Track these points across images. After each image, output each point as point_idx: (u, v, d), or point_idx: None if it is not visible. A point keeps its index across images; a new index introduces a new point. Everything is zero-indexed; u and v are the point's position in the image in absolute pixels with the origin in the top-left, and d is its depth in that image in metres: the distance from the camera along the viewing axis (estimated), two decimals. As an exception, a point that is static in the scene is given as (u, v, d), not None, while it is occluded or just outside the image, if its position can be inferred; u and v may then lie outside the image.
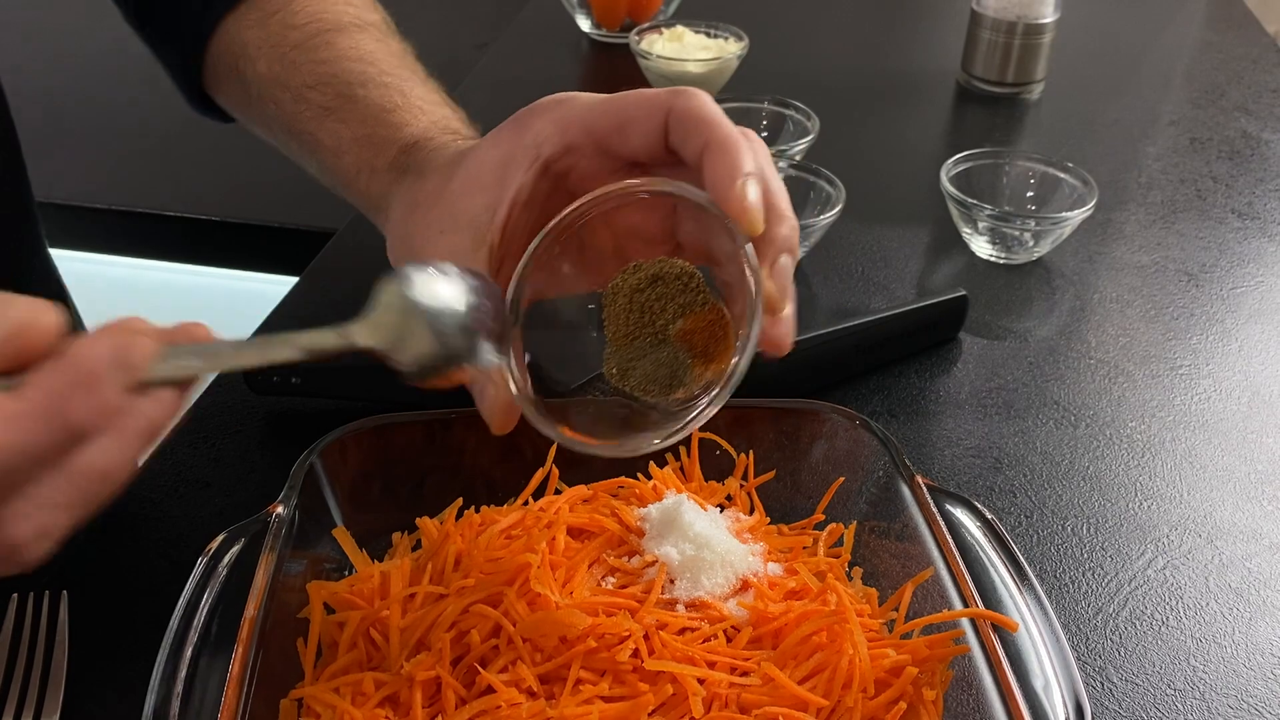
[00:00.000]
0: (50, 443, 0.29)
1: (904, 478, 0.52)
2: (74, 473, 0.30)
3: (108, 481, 0.31)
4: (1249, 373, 0.74)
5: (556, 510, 0.52)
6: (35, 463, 0.29)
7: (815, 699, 0.43)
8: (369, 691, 0.43)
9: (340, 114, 0.59)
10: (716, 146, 0.42)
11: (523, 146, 0.46)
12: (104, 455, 0.30)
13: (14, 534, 0.29)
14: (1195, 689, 0.53)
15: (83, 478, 0.30)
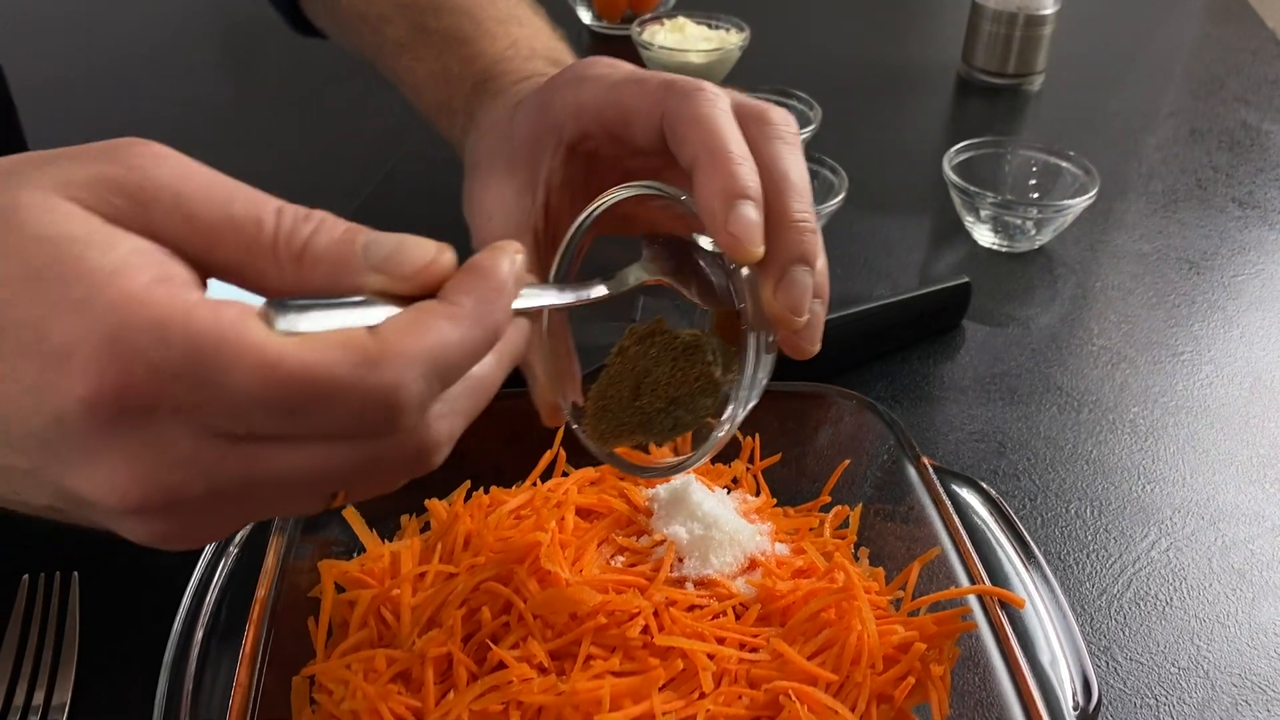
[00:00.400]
0: (480, 343, 0.30)
1: (909, 458, 0.53)
2: (472, 381, 0.31)
3: (487, 396, 0.33)
4: (1251, 359, 0.74)
5: (565, 491, 0.52)
6: (468, 360, 0.30)
7: (824, 674, 0.43)
8: (381, 668, 0.43)
9: (414, 50, 0.57)
10: (704, 163, 0.39)
11: (546, 129, 0.45)
12: (489, 370, 0.32)
13: (436, 433, 0.30)
14: (1199, 668, 0.53)
15: (478, 388, 0.32)
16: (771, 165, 0.40)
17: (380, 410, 0.28)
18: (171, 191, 0.28)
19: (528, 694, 0.41)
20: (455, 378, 0.30)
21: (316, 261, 0.29)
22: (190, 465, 0.27)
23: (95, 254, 0.26)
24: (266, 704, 0.43)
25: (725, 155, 0.39)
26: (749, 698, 0.42)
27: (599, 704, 0.41)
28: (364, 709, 0.41)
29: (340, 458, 0.28)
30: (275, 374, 0.26)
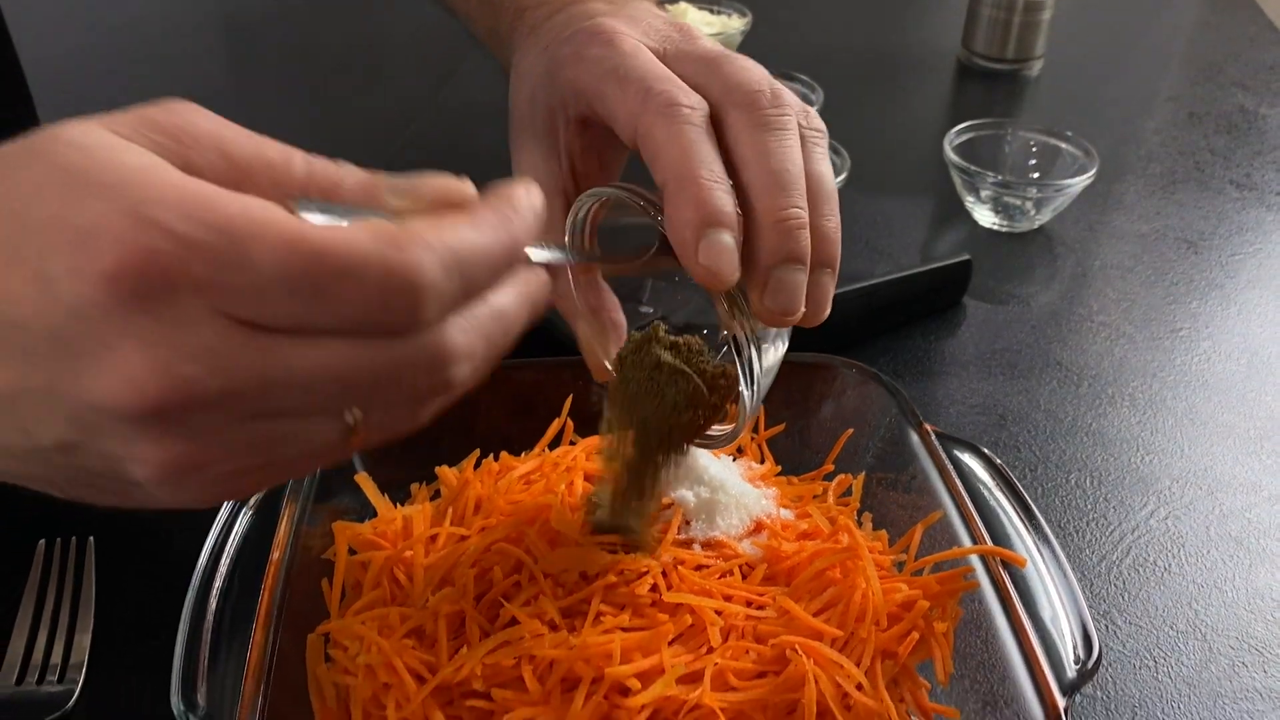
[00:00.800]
0: (499, 252, 0.30)
1: (912, 425, 0.53)
2: (494, 308, 0.31)
3: (508, 332, 0.31)
4: (1248, 335, 0.75)
5: (574, 458, 0.53)
6: (486, 266, 0.29)
7: (829, 629, 0.44)
8: (395, 625, 0.44)
9: None
10: (673, 191, 0.37)
11: (557, 101, 0.45)
12: (509, 303, 0.31)
13: (454, 341, 0.29)
14: (1197, 631, 0.54)
15: (499, 317, 0.31)
16: (754, 161, 0.38)
17: (400, 294, 0.27)
18: (210, 132, 0.29)
19: (540, 648, 0.42)
20: (475, 286, 0.30)
21: (343, 196, 0.30)
22: (208, 356, 0.26)
23: (130, 156, 0.27)
24: (282, 662, 0.44)
25: (693, 182, 0.37)
26: (756, 652, 0.43)
27: (609, 657, 0.41)
28: (379, 663, 0.42)
29: (358, 359, 0.28)
30: (299, 248, 0.26)
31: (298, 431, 0.29)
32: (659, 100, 0.39)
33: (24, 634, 0.50)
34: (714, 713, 0.41)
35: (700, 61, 0.42)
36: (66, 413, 0.27)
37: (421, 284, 0.27)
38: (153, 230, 0.25)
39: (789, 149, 0.39)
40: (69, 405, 0.27)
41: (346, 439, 0.30)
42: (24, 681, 0.48)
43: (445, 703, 0.42)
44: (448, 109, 1.08)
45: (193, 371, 0.26)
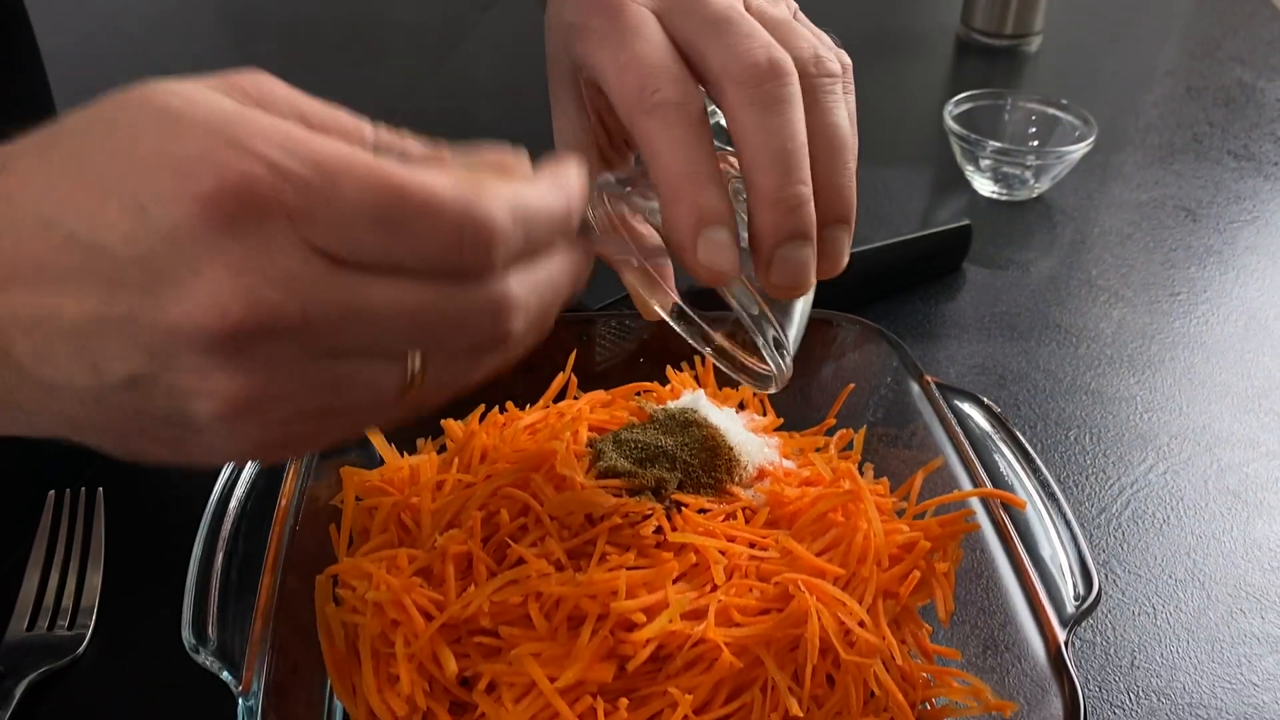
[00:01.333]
0: (557, 211, 0.31)
1: (913, 376, 0.54)
2: (548, 269, 0.32)
3: (557, 300, 0.33)
4: (1245, 298, 0.76)
5: (578, 410, 0.53)
6: (546, 223, 0.31)
7: (832, 568, 0.44)
8: (403, 565, 0.44)
9: None
10: (666, 194, 0.37)
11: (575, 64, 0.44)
12: (560, 269, 0.32)
13: (516, 294, 0.30)
14: (1195, 579, 0.54)
15: (552, 279, 0.32)
16: (752, 141, 0.37)
17: (475, 236, 0.28)
18: (286, 97, 0.30)
19: (546, 586, 0.42)
20: (536, 243, 0.31)
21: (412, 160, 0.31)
22: (292, 284, 0.27)
23: (226, 102, 0.28)
24: (290, 603, 0.44)
25: (686, 184, 0.37)
26: (759, 590, 0.44)
27: (615, 594, 0.42)
28: (387, 600, 0.42)
29: (430, 299, 0.29)
30: (386, 184, 0.27)
31: (363, 374, 0.29)
32: (653, 100, 0.38)
33: (35, 581, 0.50)
34: (718, 647, 0.41)
35: (702, 27, 0.40)
36: (144, 341, 0.27)
37: (494, 229, 0.28)
38: (251, 158, 0.26)
39: (787, 124, 0.38)
40: (148, 333, 0.27)
41: (405, 390, 0.30)
42: (35, 627, 0.49)
43: (453, 640, 0.43)
44: (448, 85, 1.08)
45: (277, 297, 0.27)
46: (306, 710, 0.44)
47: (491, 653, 0.42)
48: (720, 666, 0.41)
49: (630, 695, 0.41)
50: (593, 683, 0.41)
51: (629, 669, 0.41)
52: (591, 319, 0.60)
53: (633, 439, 0.50)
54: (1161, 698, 0.49)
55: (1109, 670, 0.50)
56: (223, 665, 0.40)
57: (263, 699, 0.39)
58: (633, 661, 0.41)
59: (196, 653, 0.40)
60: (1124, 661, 0.50)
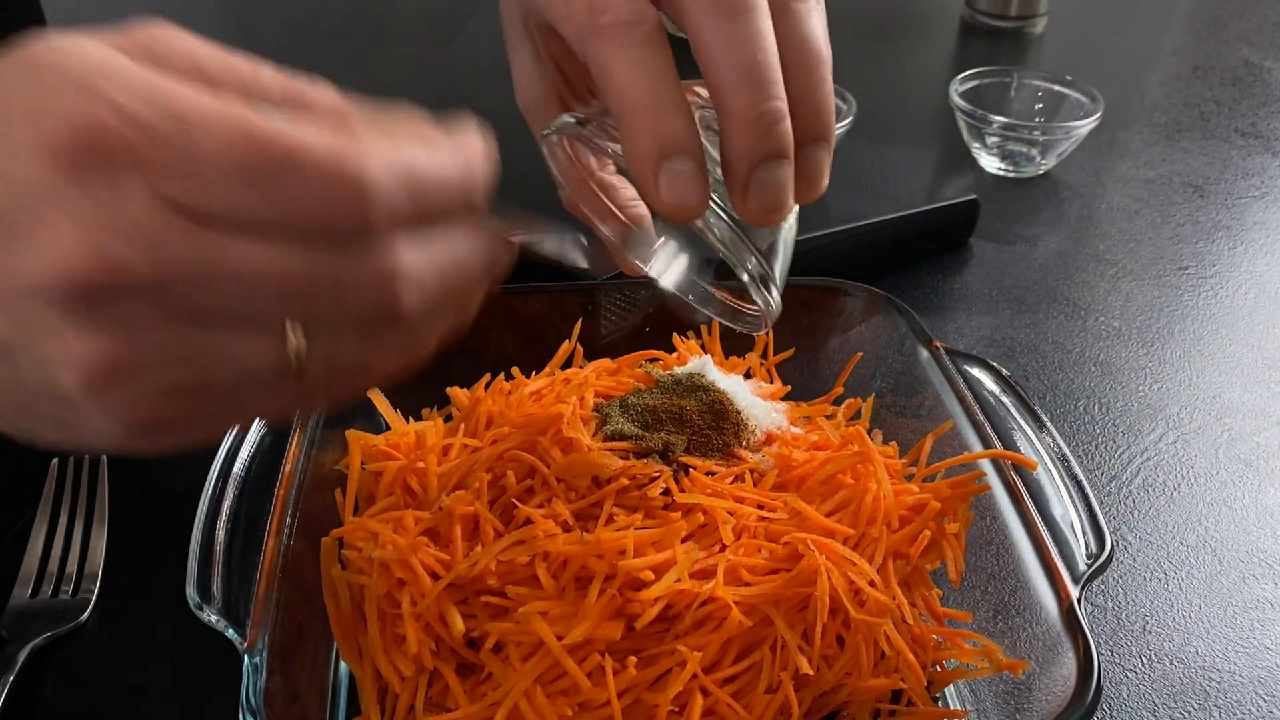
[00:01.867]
0: (451, 176, 0.28)
1: (922, 342, 0.53)
2: (450, 245, 0.29)
3: (467, 281, 0.30)
4: (1254, 271, 0.75)
5: (585, 376, 0.53)
6: (438, 189, 0.28)
7: (841, 528, 0.44)
8: (409, 526, 0.44)
9: None
10: (622, 125, 0.34)
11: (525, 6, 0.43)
12: (466, 248, 0.30)
13: (401, 261, 0.27)
14: (1207, 545, 0.54)
15: (454, 257, 0.29)
16: (718, 56, 0.34)
17: (346, 192, 0.26)
18: (182, 47, 0.28)
19: (554, 546, 0.42)
20: (427, 208, 0.28)
21: (313, 109, 0.28)
22: (142, 239, 0.25)
23: (96, 50, 0.26)
24: (296, 566, 0.44)
25: (644, 112, 0.34)
26: (768, 550, 0.43)
27: (623, 553, 0.41)
28: (394, 560, 0.42)
29: (299, 262, 0.26)
30: (247, 134, 0.25)
31: (233, 346, 0.27)
32: (603, 20, 0.35)
33: (39, 547, 0.50)
34: (727, 606, 0.41)
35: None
36: (3, 303, 0.26)
37: (368, 184, 0.26)
38: (100, 104, 0.24)
39: (756, 34, 0.34)
40: (6, 293, 0.25)
41: (287, 370, 0.28)
42: (39, 593, 0.48)
43: (460, 600, 0.42)
44: (450, 70, 1.08)
45: (124, 253, 0.25)
46: (312, 673, 0.44)
47: (499, 612, 0.42)
48: (729, 625, 0.41)
49: (639, 654, 0.41)
50: (601, 641, 0.41)
51: (637, 627, 0.41)
52: (596, 289, 0.59)
53: (639, 403, 0.49)
54: (1174, 661, 0.48)
55: (1121, 635, 0.50)
56: (228, 623, 0.40)
57: (267, 658, 0.39)
58: (641, 620, 0.41)
59: (200, 610, 0.40)
60: (1136, 626, 0.50)
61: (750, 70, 0.34)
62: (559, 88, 0.45)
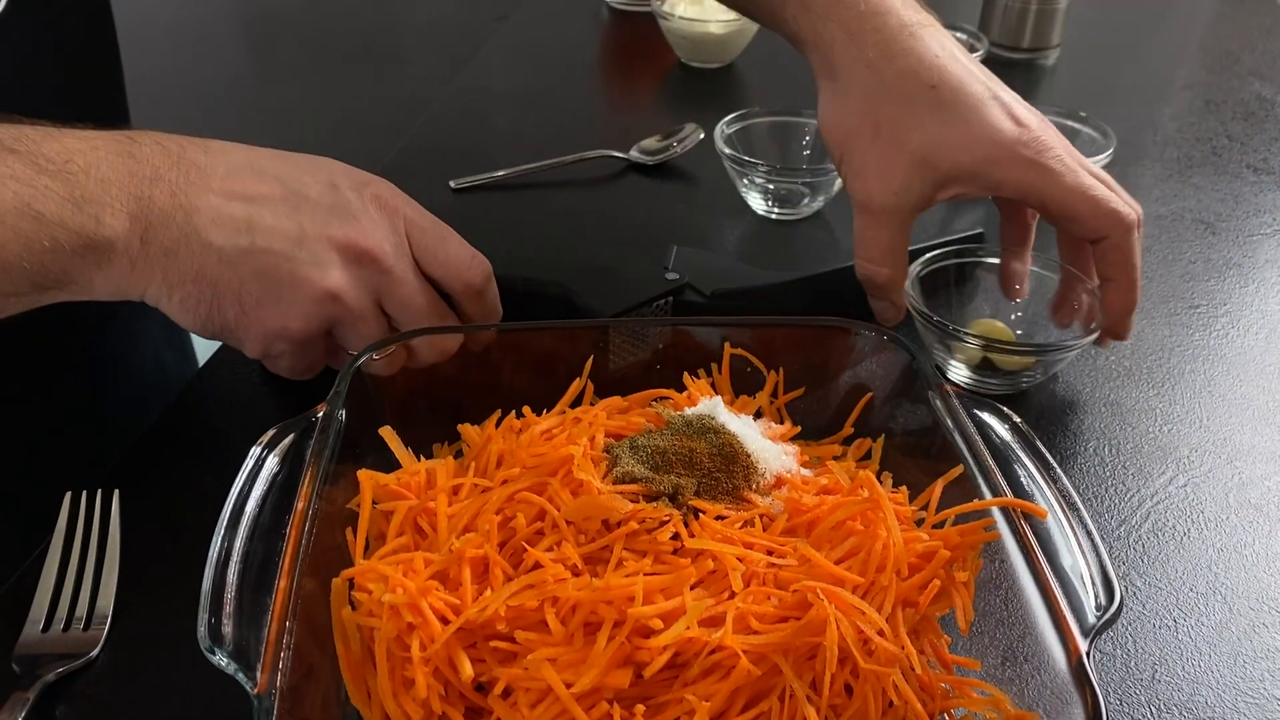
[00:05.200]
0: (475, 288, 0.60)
1: (932, 385, 0.54)
2: None
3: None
4: (1266, 311, 0.75)
5: (595, 415, 0.53)
6: None
7: (851, 576, 0.44)
8: (419, 568, 0.44)
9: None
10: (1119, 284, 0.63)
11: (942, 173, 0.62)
12: None
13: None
14: (1217, 593, 0.54)
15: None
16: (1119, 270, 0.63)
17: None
18: None
19: (563, 591, 0.42)
20: None
21: None
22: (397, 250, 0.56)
23: None
24: (306, 607, 0.44)
25: (1133, 285, 0.62)
26: (777, 597, 0.43)
27: (632, 599, 0.42)
28: (403, 604, 0.42)
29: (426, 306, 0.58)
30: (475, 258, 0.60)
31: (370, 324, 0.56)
32: (1122, 218, 0.61)
33: (50, 583, 0.50)
34: (735, 654, 0.41)
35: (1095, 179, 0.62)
36: (297, 236, 0.53)
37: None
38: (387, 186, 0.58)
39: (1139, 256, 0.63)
40: (307, 235, 0.53)
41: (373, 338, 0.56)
42: (51, 628, 0.48)
43: (469, 644, 0.43)
44: (465, 93, 1.09)
45: (389, 251, 0.55)
46: (321, 713, 0.44)
47: (507, 657, 0.42)
48: (738, 674, 0.41)
49: (647, 702, 0.41)
50: (609, 689, 0.41)
51: (646, 675, 0.41)
52: (607, 325, 0.59)
53: (649, 445, 0.50)
54: (1184, 712, 0.48)
55: (1130, 683, 0.49)
56: (238, 666, 0.40)
57: (278, 702, 0.39)
58: (649, 668, 0.41)
59: (212, 653, 0.40)
60: (1145, 675, 0.50)
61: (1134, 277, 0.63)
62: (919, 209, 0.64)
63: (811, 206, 0.85)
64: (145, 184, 0.49)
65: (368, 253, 0.54)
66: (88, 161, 0.48)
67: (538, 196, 0.89)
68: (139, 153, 0.50)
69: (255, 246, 0.51)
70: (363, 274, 0.54)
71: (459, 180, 0.88)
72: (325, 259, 0.53)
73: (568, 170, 0.91)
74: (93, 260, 0.48)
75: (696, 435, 0.50)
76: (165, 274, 0.50)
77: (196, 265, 0.51)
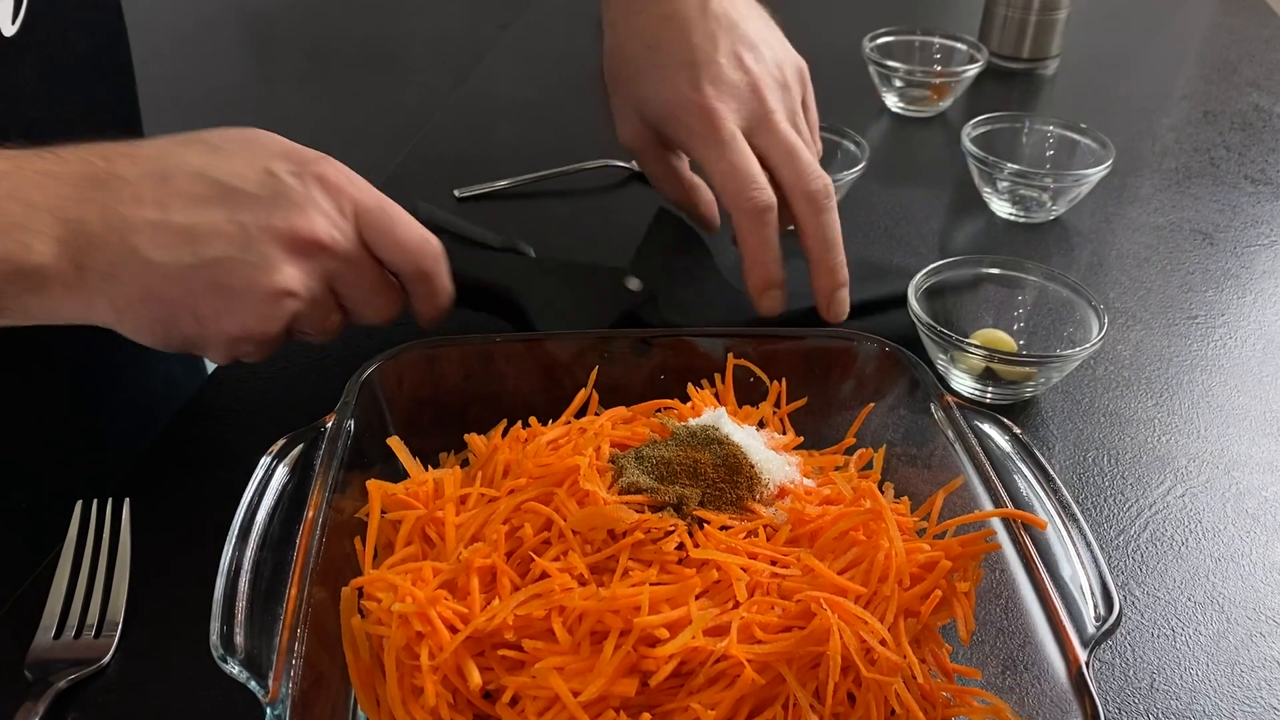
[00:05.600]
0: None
1: (934, 396, 0.54)
2: None
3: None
4: (1263, 322, 0.76)
5: (600, 425, 0.54)
6: None
7: (853, 586, 0.44)
8: (428, 578, 0.45)
9: None
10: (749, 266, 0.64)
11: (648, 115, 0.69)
12: None
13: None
14: (1214, 602, 0.54)
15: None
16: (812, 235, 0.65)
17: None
18: None
19: (570, 600, 0.43)
20: None
21: None
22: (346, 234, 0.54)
23: None
24: (316, 616, 0.44)
25: (759, 259, 0.63)
26: (781, 607, 0.44)
27: (638, 609, 0.42)
28: (412, 613, 0.43)
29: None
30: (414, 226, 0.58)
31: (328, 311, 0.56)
32: (751, 203, 0.62)
33: (61, 591, 0.51)
34: (740, 664, 0.42)
35: (777, 150, 0.64)
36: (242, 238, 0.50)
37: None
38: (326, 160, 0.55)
39: (834, 224, 0.65)
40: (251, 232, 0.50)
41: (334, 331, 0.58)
42: (63, 635, 0.49)
43: (477, 653, 0.43)
44: (468, 102, 1.09)
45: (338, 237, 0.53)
46: (331, 721, 0.44)
47: (515, 666, 0.43)
48: (742, 683, 0.42)
49: (653, 710, 0.42)
50: (616, 697, 0.41)
51: (652, 684, 0.42)
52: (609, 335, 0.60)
53: (654, 455, 0.50)
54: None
55: (1128, 692, 0.50)
56: (250, 675, 0.41)
57: (289, 709, 0.40)
58: (655, 677, 0.41)
59: (224, 662, 0.41)
60: (1143, 684, 0.50)
61: (829, 243, 0.65)
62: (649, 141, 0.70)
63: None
64: (73, 204, 0.47)
65: (315, 242, 0.51)
66: (13, 185, 0.46)
67: (541, 205, 0.89)
68: (64, 171, 0.48)
69: (201, 258, 0.49)
70: (313, 265, 0.52)
71: (463, 189, 0.89)
72: (273, 257, 0.50)
73: (570, 179, 0.92)
74: (25, 287, 0.47)
75: (701, 446, 0.51)
76: (110, 298, 0.48)
77: (141, 286, 0.49)
